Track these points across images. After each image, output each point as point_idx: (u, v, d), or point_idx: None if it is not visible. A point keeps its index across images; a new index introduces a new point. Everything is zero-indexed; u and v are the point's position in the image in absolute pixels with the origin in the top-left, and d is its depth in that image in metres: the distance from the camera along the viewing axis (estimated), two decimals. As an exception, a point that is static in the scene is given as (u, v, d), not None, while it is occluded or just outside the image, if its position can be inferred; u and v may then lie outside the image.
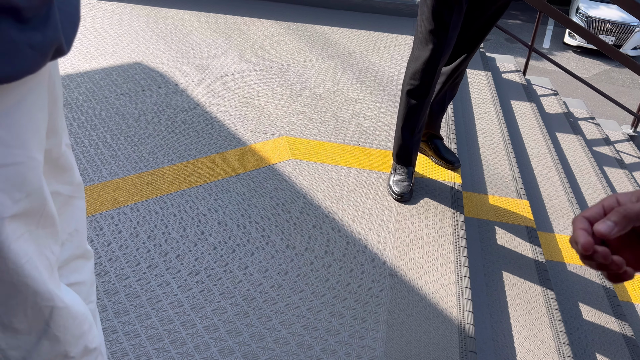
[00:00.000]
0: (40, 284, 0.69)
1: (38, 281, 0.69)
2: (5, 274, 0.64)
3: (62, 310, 0.74)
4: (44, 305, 0.71)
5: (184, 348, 1.38)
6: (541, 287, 1.84)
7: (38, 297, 0.70)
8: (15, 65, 0.53)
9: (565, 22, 3.77)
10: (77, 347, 0.79)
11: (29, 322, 0.70)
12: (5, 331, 0.69)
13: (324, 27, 3.74)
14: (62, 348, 0.76)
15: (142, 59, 2.95)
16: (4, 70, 0.52)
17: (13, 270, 0.65)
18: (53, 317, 0.73)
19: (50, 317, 0.73)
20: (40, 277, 0.69)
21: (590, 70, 8.40)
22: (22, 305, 0.69)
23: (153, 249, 1.69)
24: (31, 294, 0.68)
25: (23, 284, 0.67)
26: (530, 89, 3.99)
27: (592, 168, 3.11)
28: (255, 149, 2.24)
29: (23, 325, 0.70)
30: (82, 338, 0.79)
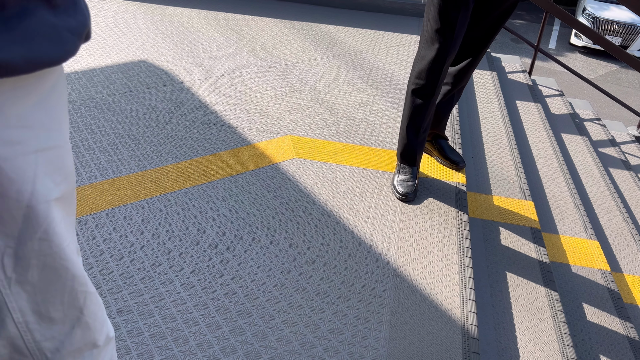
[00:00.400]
0: (78, 268, 0.70)
1: (76, 265, 0.69)
2: (49, 258, 0.65)
3: (93, 295, 0.74)
4: (80, 291, 0.71)
5: (187, 346, 1.38)
6: (545, 289, 1.83)
7: (75, 281, 0.70)
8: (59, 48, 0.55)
9: (572, 23, 3.75)
10: (102, 335, 0.78)
11: (64, 310, 0.70)
12: (41, 321, 0.68)
13: (329, 26, 3.73)
14: (92, 336, 0.75)
15: (147, 56, 2.96)
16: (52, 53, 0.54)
17: (56, 253, 0.65)
18: (86, 303, 0.73)
19: (84, 303, 0.73)
20: (78, 261, 0.70)
21: (597, 71, 8.36)
22: (60, 292, 0.68)
23: (156, 247, 1.69)
24: (70, 279, 0.69)
25: (64, 267, 0.67)
26: (536, 90, 3.97)
27: (597, 169, 3.09)
28: (260, 148, 2.24)
29: (59, 313, 0.69)
30: (105, 325, 0.79)
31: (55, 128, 0.61)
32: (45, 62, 0.55)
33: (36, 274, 0.64)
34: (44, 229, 0.63)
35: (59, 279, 0.66)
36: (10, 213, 0.59)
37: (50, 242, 0.64)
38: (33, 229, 0.61)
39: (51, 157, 0.61)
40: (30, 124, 0.58)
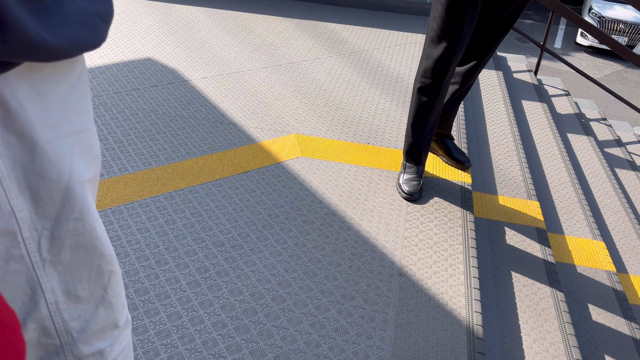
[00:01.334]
0: (107, 246, 0.71)
1: (105, 244, 0.71)
2: (81, 237, 0.66)
3: (117, 276, 0.75)
4: (105, 270, 0.72)
5: (192, 344, 1.38)
6: (551, 289, 1.83)
7: (102, 260, 0.71)
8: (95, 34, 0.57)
9: (578, 22, 3.73)
10: (123, 316, 0.79)
11: (90, 288, 0.71)
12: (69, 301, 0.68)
13: (335, 24, 3.73)
14: (114, 316, 0.76)
15: (153, 55, 2.96)
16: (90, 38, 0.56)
17: (89, 232, 0.67)
18: (110, 282, 0.74)
19: (108, 282, 0.73)
20: (106, 239, 0.71)
21: (602, 70, 8.32)
22: (88, 270, 0.69)
23: (162, 244, 1.69)
24: (98, 257, 0.70)
25: (94, 246, 0.68)
26: (542, 89, 3.96)
27: (603, 169, 3.08)
28: (265, 146, 2.24)
29: (85, 292, 0.70)
30: (125, 307, 0.80)
31: (85, 112, 0.64)
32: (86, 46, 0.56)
33: (68, 253, 0.66)
34: (79, 209, 0.65)
35: (88, 258, 0.68)
36: (50, 195, 0.60)
37: (84, 222, 0.66)
38: (70, 209, 0.63)
39: (83, 140, 0.64)
40: (66, 108, 0.61)
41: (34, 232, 0.61)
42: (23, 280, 0.63)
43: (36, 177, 0.58)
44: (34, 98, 0.55)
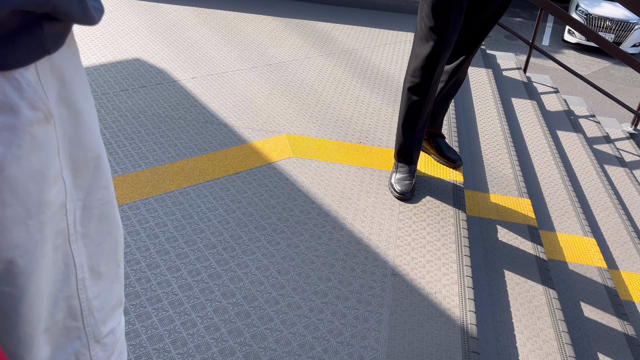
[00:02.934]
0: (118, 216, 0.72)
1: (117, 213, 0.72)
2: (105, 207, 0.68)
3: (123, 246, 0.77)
4: (119, 242, 0.73)
5: (185, 348, 1.37)
6: (543, 287, 1.83)
7: (118, 232, 0.72)
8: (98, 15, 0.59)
9: (566, 20, 3.76)
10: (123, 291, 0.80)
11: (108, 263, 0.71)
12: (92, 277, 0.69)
13: (325, 23, 3.72)
14: (121, 292, 0.76)
15: (141, 55, 2.93)
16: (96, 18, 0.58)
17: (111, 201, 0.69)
18: (121, 256, 0.75)
19: (120, 255, 0.75)
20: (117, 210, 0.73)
21: (590, 67, 8.39)
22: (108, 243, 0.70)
23: (153, 247, 1.67)
24: (115, 228, 0.71)
25: (113, 216, 0.70)
26: (531, 87, 3.98)
27: (592, 166, 3.10)
28: (256, 147, 2.22)
29: (104, 268, 0.71)
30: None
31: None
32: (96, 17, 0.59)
33: (95, 225, 0.67)
34: (106, 177, 0.67)
35: (109, 229, 0.69)
36: (86, 164, 0.63)
37: (109, 190, 0.68)
38: (99, 178, 0.66)
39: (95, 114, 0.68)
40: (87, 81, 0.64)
41: (72, 204, 0.63)
42: (60, 256, 0.64)
43: (78, 147, 0.61)
44: (75, 71, 0.59)
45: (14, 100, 0.51)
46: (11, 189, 0.53)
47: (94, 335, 0.71)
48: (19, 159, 0.53)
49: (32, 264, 0.59)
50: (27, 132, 0.53)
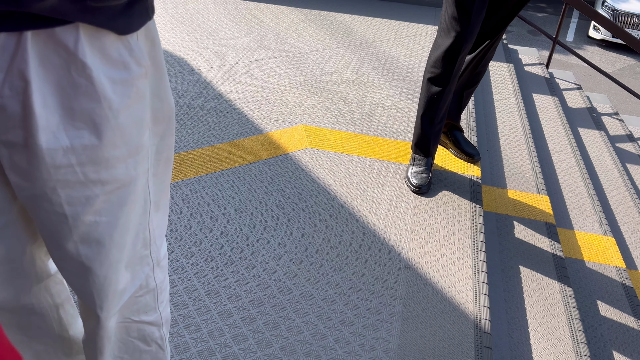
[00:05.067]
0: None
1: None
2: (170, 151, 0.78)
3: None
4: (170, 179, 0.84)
5: (198, 333, 1.38)
6: (559, 284, 1.81)
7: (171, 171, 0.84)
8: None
9: (592, 15, 3.68)
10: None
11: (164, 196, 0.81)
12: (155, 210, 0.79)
13: (344, 15, 3.70)
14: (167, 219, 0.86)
15: (161, 43, 2.95)
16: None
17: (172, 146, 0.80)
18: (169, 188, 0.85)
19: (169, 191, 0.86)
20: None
21: (615, 64, 8.22)
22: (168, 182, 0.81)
23: (169, 233, 1.69)
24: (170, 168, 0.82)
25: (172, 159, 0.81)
26: (553, 83, 3.91)
27: (614, 164, 3.04)
28: (273, 137, 2.23)
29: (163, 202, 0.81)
30: None
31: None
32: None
33: (162, 166, 0.77)
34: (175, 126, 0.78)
35: (169, 169, 0.79)
36: (163, 114, 0.72)
37: (174, 138, 0.78)
38: (172, 127, 0.75)
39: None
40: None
41: (149, 148, 0.71)
42: (142, 193, 0.73)
43: (158, 99, 0.70)
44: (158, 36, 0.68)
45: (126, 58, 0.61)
46: (122, 133, 0.64)
47: (157, 260, 0.83)
48: (128, 108, 0.63)
49: (126, 196, 0.69)
50: (134, 85, 0.63)
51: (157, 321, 0.89)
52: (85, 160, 0.62)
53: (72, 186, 0.63)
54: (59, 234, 0.67)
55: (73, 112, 0.59)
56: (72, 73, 0.57)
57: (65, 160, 0.61)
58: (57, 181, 0.62)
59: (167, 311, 0.92)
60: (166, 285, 0.89)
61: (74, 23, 0.55)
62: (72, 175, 0.62)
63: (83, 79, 0.58)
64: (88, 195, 0.65)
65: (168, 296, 0.91)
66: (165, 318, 0.92)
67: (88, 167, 0.63)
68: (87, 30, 0.57)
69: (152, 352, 0.91)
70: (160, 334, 0.91)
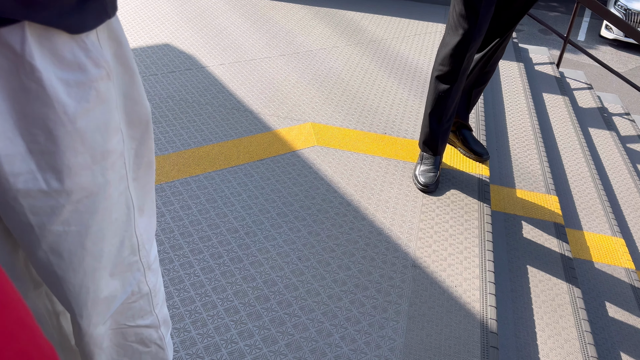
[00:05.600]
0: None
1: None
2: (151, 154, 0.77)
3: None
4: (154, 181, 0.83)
5: (205, 329, 1.39)
6: (567, 285, 1.80)
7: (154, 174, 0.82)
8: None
9: (604, 14, 3.64)
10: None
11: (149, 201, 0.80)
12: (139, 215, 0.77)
13: (354, 12, 3.69)
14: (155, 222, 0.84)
15: (170, 41, 2.96)
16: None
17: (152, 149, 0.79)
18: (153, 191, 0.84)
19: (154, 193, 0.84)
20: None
21: (627, 64, 8.13)
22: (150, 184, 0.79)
23: (177, 229, 1.70)
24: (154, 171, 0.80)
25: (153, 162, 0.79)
26: (564, 82, 3.88)
27: (625, 165, 3.01)
28: (281, 134, 2.23)
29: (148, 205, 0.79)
30: None
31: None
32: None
33: (143, 170, 0.75)
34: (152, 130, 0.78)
35: (151, 172, 0.78)
36: (139, 118, 0.70)
37: (153, 141, 0.76)
38: (150, 130, 0.74)
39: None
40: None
41: (127, 153, 0.70)
42: (124, 200, 0.71)
43: (132, 102, 0.68)
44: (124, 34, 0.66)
45: (82, 59, 0.58)
46: (81, 138, 0.61)
47: (147, 264, 0.82)
48: (87, 112, 0.60)
49: (96, 204, 0.67)
50: (93, 87, 0.60)
51: (154, 323, 0.88)
52: (45, 167, 0.59)
53: (34, 195, 0.61)
54: (29, 243, 0.66)
55: (26, 117, 0.56)
56: (21, 77, 0.54)
57: (25, 167, 0.58)
58: (18, 190, 0.59)
59: (164, 311, 0.91)
60: (160, 286, 0.87)
61: (19, 23, 0.52)
62: (32, 183, 0.60)
63: (33, 83, 0.55)
64: (53, 205, 0.62)
65: (163, 296, 0.90)
66: (163, 318, 0.91)
67: (49, 174, 0.60)
68: (35, 30, 0.53)
69: (151, 352, 0.91)
70: (158, 334, 0.90)
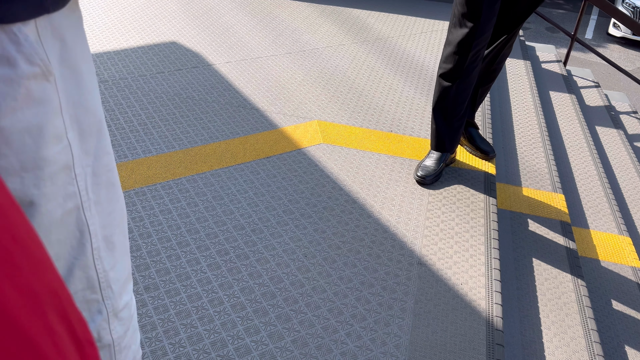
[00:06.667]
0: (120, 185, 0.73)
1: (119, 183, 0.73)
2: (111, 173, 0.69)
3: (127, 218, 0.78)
4: (125, 213, 0.73)
5: (211, 325, 1.40)
6: (573, 283, 1.79)
7: (123, 202, 0.73)
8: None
9: (612, 12, 3.62)
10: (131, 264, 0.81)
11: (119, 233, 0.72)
12: (107, 247, 0.69)
13: (360, 11, 3.69)
14: (130, 265, 0.76)
15: (177, 38, 2.98)
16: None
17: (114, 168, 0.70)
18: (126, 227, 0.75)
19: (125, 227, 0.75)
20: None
21: (635, 62, 8.07)
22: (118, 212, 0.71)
23: (184, 226, 1.71)
24: (121, 197, 0.72)
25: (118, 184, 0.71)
26: (571, 80, 3.86)
27: (632, 164, 3.00)
28: (287, 132, 2.24)
29: (117, 237, 0.71)
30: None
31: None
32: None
33: (104, 192, 0.67)
34: (108, 142, 0.67)
35: (117, 197, 0.70)
36: (90, 128, 0.63)
37: (112, 156, 0.68)
38: (104, 143, 0.66)
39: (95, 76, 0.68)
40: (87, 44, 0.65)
41: (81, 169, 0.63)
42: (74, 221, 0.64)
43: (83, 110, 0.61)
44: (76, 33, 0.59)
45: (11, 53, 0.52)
46: (6, 139, 0.54)
47: (113, 309, 0.71)
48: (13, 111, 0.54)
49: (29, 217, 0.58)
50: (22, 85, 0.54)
51: None
52: None
53: None
54: None
55: None
56: None
57: None
58: None
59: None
60: (129, 343, 0.76)
61: None
62: None
63: None
64: None
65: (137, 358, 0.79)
66: None
67: None
68: None
69: None
70: None
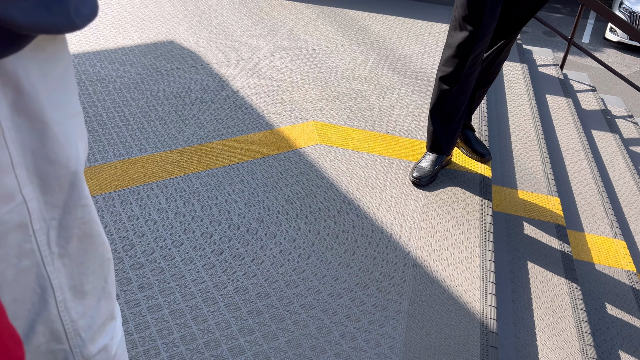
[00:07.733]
0: (103, 232, 0.68)
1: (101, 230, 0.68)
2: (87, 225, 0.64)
3: (111, 262, 0.72)
4: (106, 258, 0.69)
5: (205, 325, 1.39)
6: (568, 286, 1.80)
7: (104, 247, 0.68)
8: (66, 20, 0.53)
9: (608, 17, 3.63)
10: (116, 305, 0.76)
11: (94, 280, 0.68)
12: (76, 297, 0.65)
13: (358, 12, 3.69)
14: (111, 306, 0.73)
15: (175, 38, 2.97)
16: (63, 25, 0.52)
17: (93, 219, 0.65)
18: (109, 271, 0.71)
19: (107, 271, 0.70)
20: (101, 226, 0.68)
21: (631, 67, 8.11)
22: (93, 261, 0.66)
23: (179, 225, 1.71)
24: (101, 245, 0.67)
25: (98, 234, 0.66)
26: (567, 84, 3.87)
27: (627, 168, 3.01)
28: (283, 133, 2.23)
29: (90, 285, 0.67)
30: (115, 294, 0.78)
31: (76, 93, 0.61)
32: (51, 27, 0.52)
33: (76, 245, 0.63)
34: (85, 194, 0.62)
35: (93, 247, 0.66)
36: (59, 181, 0.58)
37: (90, 208, 0.63)
38: (78, 195, 0.61)
39: (79, 123, 0.61)
40: (68, 88, 0.58)
41: (43, 223, 0.58)
42: (33, 278, 0.59)
43: (46, 162, 0.55)
44: (42, 78, 0.52)
45: None
46: None
47: (82, 356, 0.68)
48: None
49: None
50: None
51: None
52: None
53: None
54: None
55: None
56: None
57: None
58: None
59: None
60: None
61: None
62: None
63: None
64: None
65: None
66: None
67: None
68: None
69: None
70: None
